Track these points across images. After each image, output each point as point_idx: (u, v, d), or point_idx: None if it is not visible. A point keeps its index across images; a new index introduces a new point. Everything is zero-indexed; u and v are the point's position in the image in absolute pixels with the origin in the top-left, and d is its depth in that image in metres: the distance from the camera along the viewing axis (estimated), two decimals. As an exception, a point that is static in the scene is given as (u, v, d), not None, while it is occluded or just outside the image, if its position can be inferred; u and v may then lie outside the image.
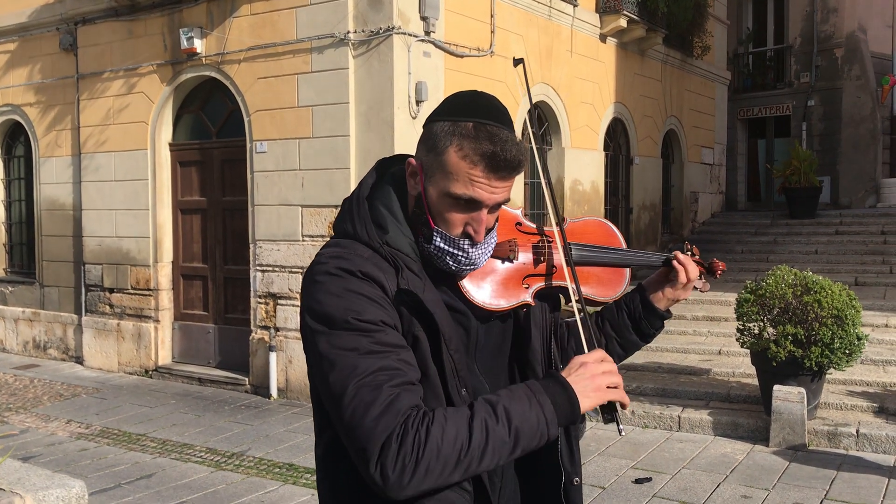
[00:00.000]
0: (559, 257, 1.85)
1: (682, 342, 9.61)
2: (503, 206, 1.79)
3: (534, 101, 10.27)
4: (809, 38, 18.54)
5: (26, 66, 11.44)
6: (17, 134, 12.09)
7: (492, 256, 1.77)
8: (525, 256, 1.83)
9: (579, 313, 1.80)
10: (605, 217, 12.25)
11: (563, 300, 1.99)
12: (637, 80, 13.17)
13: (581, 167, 11.67)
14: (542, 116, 11.10)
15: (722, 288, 11.57)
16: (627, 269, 2.00)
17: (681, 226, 15.30)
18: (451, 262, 1.68)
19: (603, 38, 12.00)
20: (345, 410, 1.50)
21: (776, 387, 7.01)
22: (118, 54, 10.28)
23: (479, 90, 1.72)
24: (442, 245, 1.66)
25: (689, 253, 2.07)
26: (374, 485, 1.48)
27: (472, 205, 1.63)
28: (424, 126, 1.68)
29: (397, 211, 1.70)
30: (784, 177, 15.65)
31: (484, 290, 1.75)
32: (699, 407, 7.75)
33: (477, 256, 1.69)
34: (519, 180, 10.20)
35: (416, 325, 1.62)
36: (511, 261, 1.81)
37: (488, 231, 1.70)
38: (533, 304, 1.83)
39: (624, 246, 2.02)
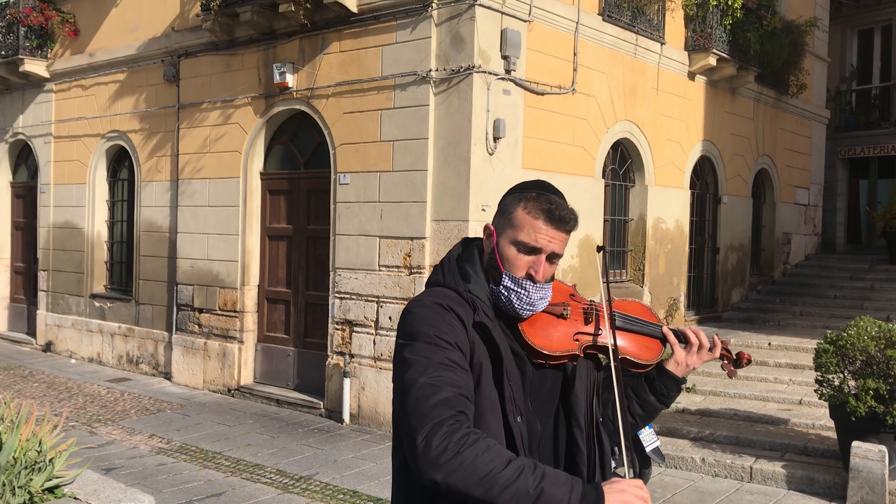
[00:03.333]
0: (604, 322, 2.17)
1: (761, 389, 9.32)
2: (559, 280, 2.23)
3: (616, 139, 10.29)
4: (918, 75, 17.79)
5: (133, 96, 12.16)
6: (123, 158, 12.83)
7: (547, 313, 2.13)
8: (577, 317, 2.18)
9: (614, 368, 2.10)
10: (690, 257, 12.11)
11: (603, 360, 2.27)
12: (727, 118, 12.94)
13: (665, 205, 11.53)
14: (624, 153, 11.04)
15: (810, 335, 11.20)
16: (662, 341, 2.29)
17: (771, 268, 14.85)
18: (514, 300, 2.06)
19: (691, 75, 11.86)
20: (409, 398, 1.85)
21: (855, 443, 6.72)
22: (216, 86, 10.82)
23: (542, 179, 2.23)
24: (509, 284, 2.06)
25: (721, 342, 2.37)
26: (413, 454, 1.79)
27: (534, 251, 2.05)
28: (499, 203, 2.18)
29: (478, 270, 2.14)
30: (885, 220, 15.01)
31: (539, 336, 2.09)
32: (773, 458, 7.50)
33: (536, 299, 2.07)
34: (598, 216, 10.16)
35: (484, 353, 1.99)
36: (564, 318, 2.14)
37: (546, 283, 2.09)
38: (581, 356, 2.15)
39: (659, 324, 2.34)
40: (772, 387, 9.46)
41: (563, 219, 2.05)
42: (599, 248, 2.30)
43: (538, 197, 2.08)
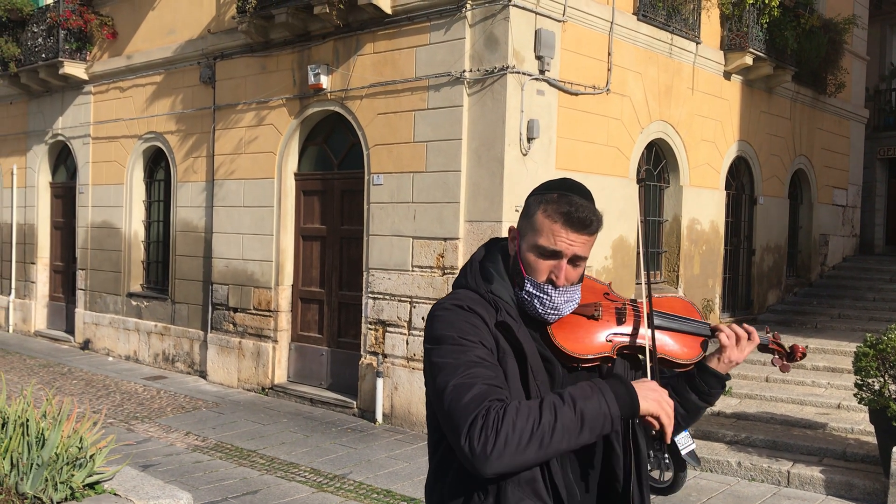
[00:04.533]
0: (641, 321, 2.10)
1: (798, 392, 9.19)
2: (593, 279, 2.21)
3: (651, 139, 10.22)
4: (960, 74, 17.42)
5: (169, 97, 12.32)
6: (159, 159, 13.01)
7: (578, 314, 2.08)
8: (609, 318, 2.11)
9: (651, 370, 2.05)
10: (725, 258, 11.98)
11: (641, 360, 2.18)
12: (763, 118, 12.78)
13: (700, 206, 11.42)
14: (659, 154, 10.95)
15: (848, 338, 11.03)
16: (703, 338, 2.19)
17: (808, 269, 14.64)
18: (537, 305, 2.03)
19: (727, 75, 11.74)
20: (445, 401, 1.86)
21: (896, 448, 6.61)
22: (251, 88, 10.92)
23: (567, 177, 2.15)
24: (531, 290, 2.03)
25: (769, 335, 2.28)
26: (465, 458, 1.80)
27: (554, 255, 2.00)
28: (524, 204, 2.12)
29: (501, 271, 2.11)
30: (925, 221, 14.73)
31: (569, 339, 2.04)
32: (811, 463, 7.40)
33: (559, 303, 2.02)
34: (632, 217, 10.06)
35: (509, 354, 1.97)
36: (596, 319, 2.08)
37: (572, 285, 2.04)
38: (615, 358, 2.08)
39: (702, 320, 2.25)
40: (809, 390, 9.33)
41: (583, 221, 1.98)
42: (640, 181, 2.33)
43: (559, 199, 2.01)
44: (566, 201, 1.99)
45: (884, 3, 17.80)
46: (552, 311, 2.03)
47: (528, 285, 2.02)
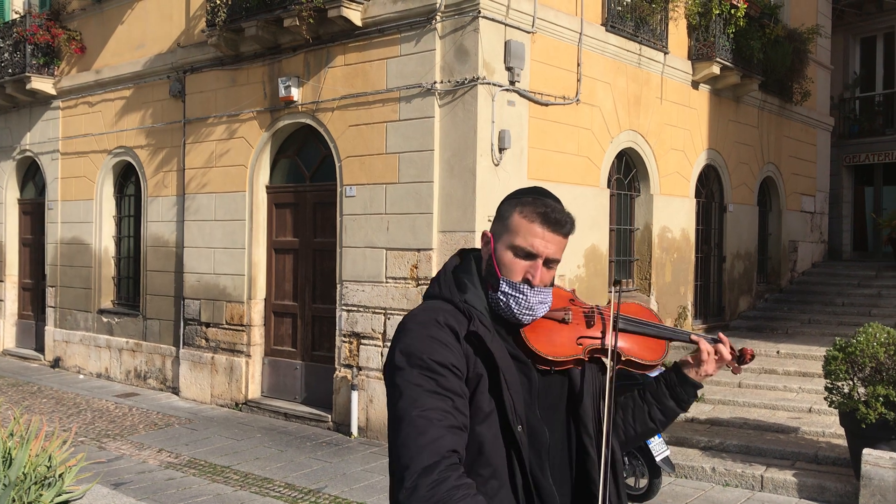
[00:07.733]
0: (608, 325, 2.17)
1: (770, 398, 9.29)
2: (558, 286, 2.22)
3: (621, 149, 10.30)
4: (922, 82, 17.78)
5: (139, 112, 12.23)
6: (129, 174, 12.89)
7: (549, 318, 2.12)
8: (579, 321, 2.17)
9: (610, 371, 2.11)
10: (696, 266, 12.09)
11: (609, 364, 2.24)
12: (732, 127, 12.95)
13: (670, 214, 11.53)
14: (629, 163, 11.05)
15: (819, 342, 11.17)
16: (667, 341, 2.28)
17: (778, 276, 14.82)
18: (513, 305, 2.04)
19: (695, 84, 11.89)
20: (400, 432, 1.84)
21: (866, 450, 6.69)
22: (222, 101, 10.87)
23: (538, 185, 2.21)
24: (507, 290, 2.04)
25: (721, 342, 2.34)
26: (400, 494, 1.77)
27: (530, 255, 2.04)
28: (497, 210, 2.16)
29: (475, 280, 2.12)
30: (891, 227, 14.99)
31: (542, 342, 2.07)
32: (784, 467, 7.47)
33: (535, 303, 2.05)
34: (605, 225, 10.13)
35: (480, 365, 1.96)
36: (566, 322, 2.13)
37: (546, 287, 2.08)
38: (586, 360, 2.14)
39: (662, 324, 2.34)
40: (781, 395, 9.43)
41: (559, 222, 2.05)
42: (616, 283, 2.27)
43: (534, 201, 2.07)
44: (541, 203, 2.06)
45: (846, 13, 18.17)
46: (527, 312, 2.05)
47: (504, 285, 2.04)
